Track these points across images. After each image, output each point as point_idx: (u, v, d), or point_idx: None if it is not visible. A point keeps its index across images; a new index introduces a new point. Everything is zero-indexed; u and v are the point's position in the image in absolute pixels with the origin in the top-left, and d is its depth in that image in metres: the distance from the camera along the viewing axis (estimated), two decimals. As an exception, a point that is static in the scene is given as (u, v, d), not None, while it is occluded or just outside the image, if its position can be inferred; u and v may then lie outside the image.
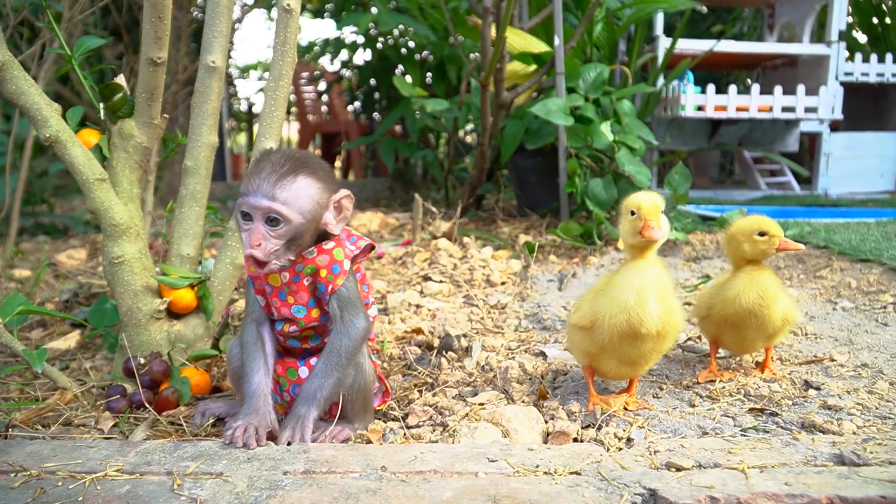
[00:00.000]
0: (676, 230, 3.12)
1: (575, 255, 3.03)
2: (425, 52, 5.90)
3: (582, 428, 1.34)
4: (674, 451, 1.19)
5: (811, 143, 5.99)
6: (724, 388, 1.52)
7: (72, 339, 1.98)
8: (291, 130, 12.59)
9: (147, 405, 1.50)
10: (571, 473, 1.11)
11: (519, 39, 3.70)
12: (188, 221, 1.79)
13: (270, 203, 1.19)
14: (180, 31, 4.66)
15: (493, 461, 1.16)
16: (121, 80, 1.78)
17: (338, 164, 10.33)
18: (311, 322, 1.35)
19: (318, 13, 7.63)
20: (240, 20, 5.32)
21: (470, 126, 4.85)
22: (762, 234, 1.49)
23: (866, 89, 5.78)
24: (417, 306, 2.26)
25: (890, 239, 2.82)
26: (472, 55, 4.62)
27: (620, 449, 1.24)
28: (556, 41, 3.25)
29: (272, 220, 1.20)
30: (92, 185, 1.60)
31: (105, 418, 1.45)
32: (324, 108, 9.27)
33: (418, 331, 1.99)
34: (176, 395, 1.53)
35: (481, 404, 1.44)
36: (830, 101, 5.02)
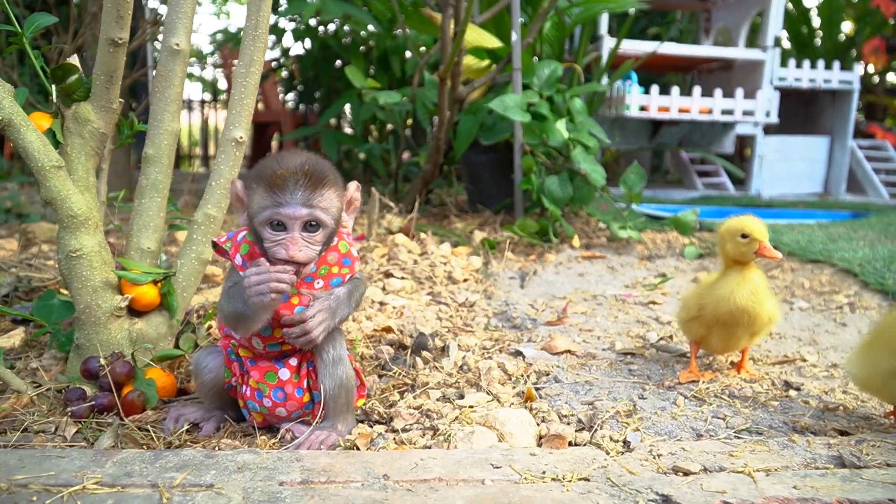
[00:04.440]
0: (630, 229, 3.15)
1: (531, 252, 3.02)
2: (369, 44, 5.81)
3: (575, 431, 1.32)
4: (676, 455, 1.18)
5: (741, 146, 6.18)
6: (707, 388, 1.52)
7: (15, 337, 1.84)
8: (219, 119, 12.23)
9: (112, 410, 1.41)
10: (580, 479, 1.08)
11: (472, 34, 3.66)
12: (149, 213, 1.68)
13: (311, 210, 1.19)
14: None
15: (497, 467, 1.12)
16: (74, 60, 1.66)
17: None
18: None
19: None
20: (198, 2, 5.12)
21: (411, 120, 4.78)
22: (744, 236, 1.50)
23: (796, 94, 6.00)
24: (381, 303, 2.20)
25: (835, 240, 2.92)
26: (422, 48, 4.56)
27: (621, 453, 1.21)
28: (514, 37, 3.22)
29: (311, 226, 1.21)
30: (48, 173, 1.48)
31: (66, 424, 1.34)
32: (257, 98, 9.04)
33: (388, 329, 1.93)
34: (142, 399, 1.43)
35: (471, 406, 1.40)
36: (767, 104, 5.18)
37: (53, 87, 1.61)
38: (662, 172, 7.35)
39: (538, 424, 1.34)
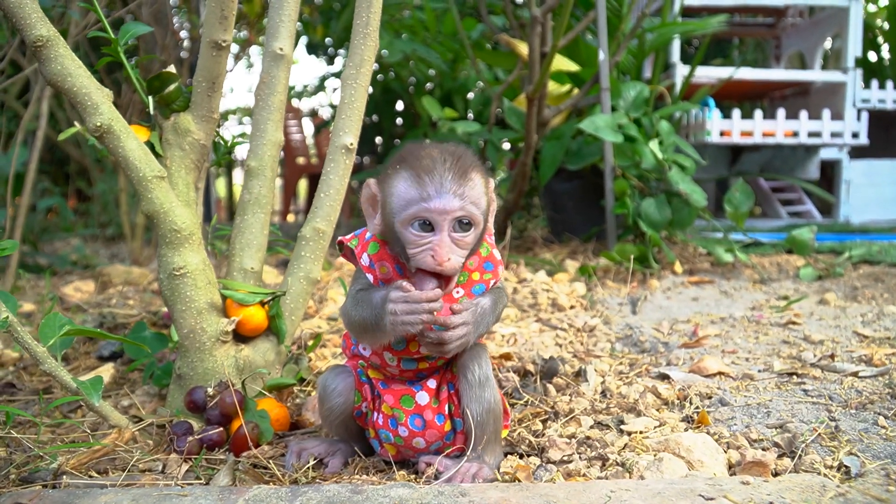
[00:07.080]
0: (739, 252, 2.91)
1: (632, 279, 2.81)
2: (430, 85, 5.75)
3: (776, 458, 1.10)
4: (924, 482, 0.95)
5: (827, 172, 5.88)
6: (911, 407, 1.29)
7: (105, 374, 1.70)
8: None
9: (223, 445, 1.24)
10: (822, 512, 0.87)
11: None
12: (252, 230, 1.54)
13: (463, 203, 1.00)
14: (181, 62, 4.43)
15: (709, 499, 0.91)
16: (172, 69, 1.55)
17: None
18: None
19: (311, 49, 7.46)
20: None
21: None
22: None
23: (877, 117, 5.69)
24: (489, 332, 2.01)
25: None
26: (495, 80, 4.43)
27: (846, 479, 1.00)
28: (601, 55, 3.07)
29: (463, 224, 1.01)
30: (149, 184, 1.35)
31: (175, 461, 1.18)
32: (312, 151, 9.08)
33: (507, 356, 1.74)
34: (256, 433, 1.26)
35: (641, 433, 1.19)
36: (854, 125, 4.91)
37: (150, 98, 1.50)
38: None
39: (725, 451, 1.13)
